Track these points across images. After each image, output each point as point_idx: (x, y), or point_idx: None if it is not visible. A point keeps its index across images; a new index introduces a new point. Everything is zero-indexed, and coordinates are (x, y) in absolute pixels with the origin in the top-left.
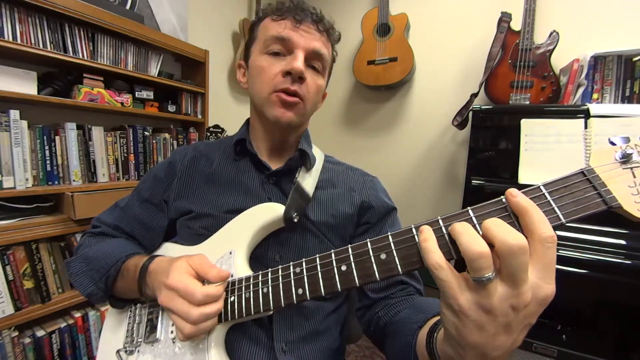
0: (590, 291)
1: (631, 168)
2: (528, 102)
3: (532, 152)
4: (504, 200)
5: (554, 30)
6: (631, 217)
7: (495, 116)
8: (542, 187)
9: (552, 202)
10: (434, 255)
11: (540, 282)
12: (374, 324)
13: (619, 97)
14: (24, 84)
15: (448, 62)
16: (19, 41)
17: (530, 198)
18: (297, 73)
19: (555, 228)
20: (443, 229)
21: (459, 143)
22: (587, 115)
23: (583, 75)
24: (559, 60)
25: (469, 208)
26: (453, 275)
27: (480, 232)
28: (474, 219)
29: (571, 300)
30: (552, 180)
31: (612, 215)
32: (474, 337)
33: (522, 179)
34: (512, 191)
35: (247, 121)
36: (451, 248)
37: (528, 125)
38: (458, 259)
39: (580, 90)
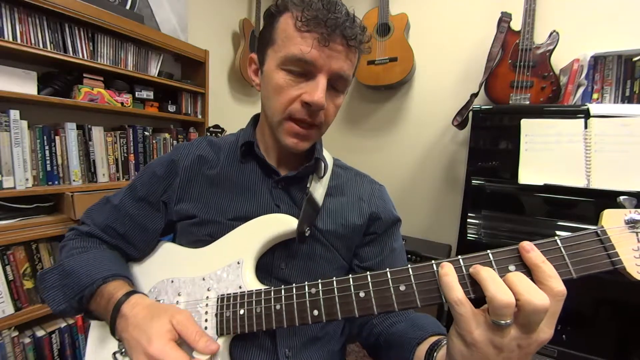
0: (590, 291)
1: (636, 233)
2: (528, 102)
3: (532, 152)
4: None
5: (554, 30)
6: (631, 278)
7: (495, 116)
8: (558, 241)
9: (566, 256)
10: (456, 291)
11: (544, 328)
12: (367, 329)
13: (619, 97)
14: (24, 84)
15: (448, 62)
16: (19, 41)
17: (546, 250)
18: (317, 107)
19: (565, 281)
20: (463, 268)
21: (459, 143)
22: (587, 115)
23: (583, 75)
24: (559, 60)
25: (489, 251)
26: (471, 312)
27: (501, 278)
28: (493, 263)
29: (571, 300)
30: (568, 235)
31: None
32: None
33: (522, 179)
34: (526, 245)
35: (254, 119)
36: (470, 288)
37: (528, 125)
38: (474, 299)
39: (580, 90)
